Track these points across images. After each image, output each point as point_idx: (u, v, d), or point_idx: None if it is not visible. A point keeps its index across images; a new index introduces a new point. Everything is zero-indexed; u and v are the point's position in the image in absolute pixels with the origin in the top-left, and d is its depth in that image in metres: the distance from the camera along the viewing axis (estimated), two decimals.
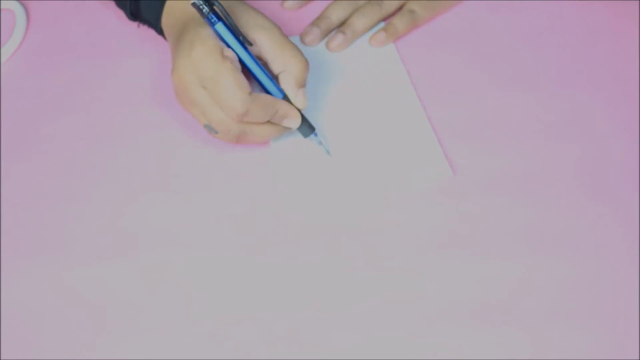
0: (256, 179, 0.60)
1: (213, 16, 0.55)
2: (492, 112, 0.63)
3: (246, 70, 0.57)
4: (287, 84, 0.58)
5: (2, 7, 0.73)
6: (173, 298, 0.54)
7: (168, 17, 0.61)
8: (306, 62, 0.58)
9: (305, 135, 0.59)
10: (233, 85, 0.54)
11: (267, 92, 0.58)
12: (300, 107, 0.58)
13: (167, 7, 0.61)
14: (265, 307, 0.53)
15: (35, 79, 0.68)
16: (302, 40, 0.67)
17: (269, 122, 0.57)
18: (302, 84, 0.58)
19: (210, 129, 0.57)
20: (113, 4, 0.69)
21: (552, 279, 0.53)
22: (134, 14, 0.65)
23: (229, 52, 0.56)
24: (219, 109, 0.55)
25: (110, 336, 0.53)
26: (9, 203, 0.60)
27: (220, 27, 0.56)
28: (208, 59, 0.55)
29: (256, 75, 0.57)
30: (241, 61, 0.57)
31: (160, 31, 0.64)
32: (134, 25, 0.67)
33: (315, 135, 0.59)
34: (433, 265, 0.54)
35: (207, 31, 0.56)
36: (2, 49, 0.69)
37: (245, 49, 0.57)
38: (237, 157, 0.61)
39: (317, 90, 0.63)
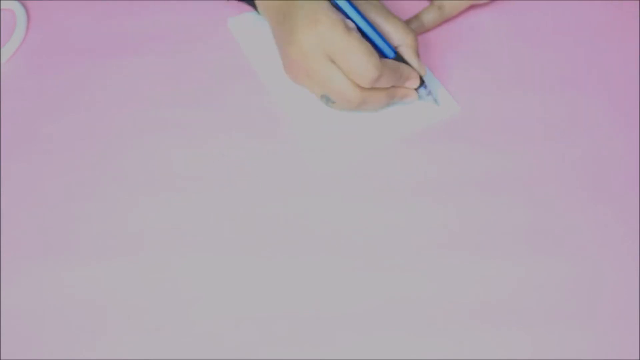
0: (256, 179, 0.60)
1: None
2: (492, 112, 0.63)
3: None
4: (408, 55, 0.61)
5: (2, 7, 0.73)
6: (173, 298, 0.54)
7: None
8: (416, 34, 0.62)
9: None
10: (365, 53, 0.56)
11: (382, 54, 0.60)
12: (422, 73, 0.61)
13: None
14: (265, 307, 0.53)
15: (35, 79, 0.68)
16: None
17: (385, 89, 0.60)
18: (418, 54, 0.61)
19: (327, 99, 0.59)
20: (113, 3, 0.69)
21: (552, 279, 0.53)
22: None
23: (350, 24, 0.58)
24: (344, 78, 0.57)
25: (110, 336, 0.53)
26: (9, 203, 0.60)
27: (343, 3, 0.58)
28: (336, 31, 0.56)
29: (373, 40, 0.59)
30: (358, 27, 0.59)
31: (253, 3, 0.65)
32: (133, 25, 0.68)
33: (425, 87, 0.62)
34: (433, 265, 0.55)
35: (325, 5, 0.57)
36: (2, 49, 0.69)
37: (362, 15, 0.59)
38: (237, 157, 0.61)
39: None
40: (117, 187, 0.60)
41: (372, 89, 0.59)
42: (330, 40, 0.56)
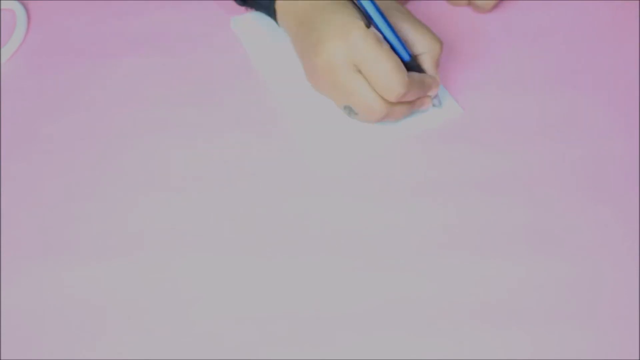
0: (256, 179, 0.60)
1: None
2: (492, 113, 0.63)
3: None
4: (428, 64, 0.60)
5: (2, 7, 0.73)
6: (173, 298, 0.54)
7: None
8: (442, 43, 0.61)
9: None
10: (394, 68, 0.56)
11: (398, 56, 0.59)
12: (438, 83, 0.61)
13: None
14: (265, 307, 0.53)
15: (35, 79, 0.68)
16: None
17: (409, 102, 0.60)
18: (439, 64, 0.61)
19: (350, 110, 0.59)
20: (113, 3, 0.69)
21: (552, 279, 0.53)
22: None
23: (379, 35, 0.57)
24: (371, 91, 0.57)
25: (110, 336, 0.53)
26: (9, 203, 0.60)
27: (367, 3, 0.57)
28: (367, 43, 0.56)
29: (393, 45, 0.58)
30: (379, 31, 0.58)
31: (272, 13, 0.64)
32: (133, 25, 0.68)
33: (437, 95, 0.62)
34: (433, 265, 0.55)
35: (354, 13, 0.57)
36: (2, 49, 0.70)
37: (384, 17, 0.58)
38: (237, 157, 0.61)
39: None
40: (117, 187, 0.60)
41: (398, 103, 0.58)
42: (361, 51, 0.55)
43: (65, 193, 0.60)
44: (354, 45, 0.56)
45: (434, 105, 0.63)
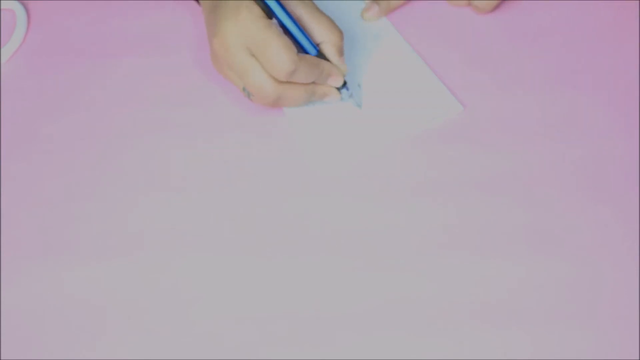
0: (256, 179, 0.60)
1: None
2: (492, 112, 0.63)
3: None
4: (329, 52, 0.61)
5: (2, 7, 0.73)
6: (173, 298, 0.54)
7: None
8: (341, 32, 0.61)
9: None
10: (282, 46, 0.56)
11: (305, 51, 0.60)
12: (342, 71, 0.62)
13: None
14: (265, 307, 0.53)
15: (35, 79, 0.68)
16: (361, 16, 0.69)
17: (303, 86, 0.60)
18: (342, 52, 0.62)
19: (247, 92, 0.60)
20: (113, 3, 0.69)
21: (552, 279, 0.53)
22: None
23: (273, 20, 0.58)
24: (261, 71, 0.58)
25: (110, 336, 0.53)
26: (9, 203, 0.60)
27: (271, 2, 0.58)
28: (255, 23, 0.57)
29: (295, 36, 0.59)
30: (281, 23, 0.59)
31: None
32: (133, 25, 0.68)
33: (347, 89, 0.62)
34: (433, 265, 0.54)
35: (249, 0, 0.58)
36: (2, 49, 0.69)
37: (286, 11, 0.59)
38: (237, 157, 0.61)
39: None
40: (117, 187, 0.60)
41: (290, 83, 0.59)
42: (250, 33, 0.57)
43: (65, 193, 0.60)
44: (243, 27, 0.57)
45: (342, 99, 0.63)
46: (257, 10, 0.57)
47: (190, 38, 0.69)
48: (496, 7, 0.69)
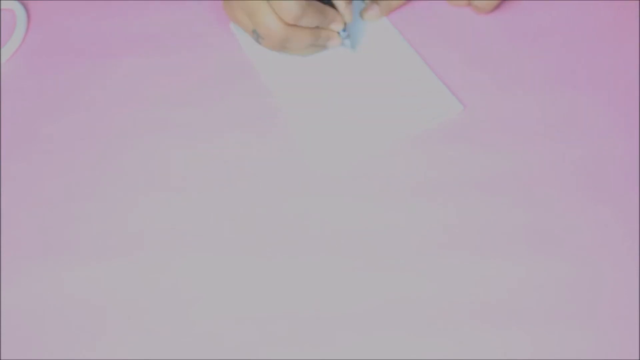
0: (256, 179, 0.60)
1: None
2: (492, 112, 0.63)
3: None
4: None
5: (2, 7, 0.73)
6: (173, 298, 0.54)
7: None
8: None
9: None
10: None
11: None
12: (347, 20, 0.64)
13: None
14: (265, 307, 0.53)
15: (35, 79, 0.68)
16: (361, 16, 0.70)
17: (309, 29, 0.62)
18: (350, 1, 0.64)
19: (256, 35, 0.62)
20: (113, 3, 0.69)
21: (552, 279, 0.53)
22: None
23: None
24: (271, 13, 0.60)
25: (110, 336, 0.53)
26: (9, 203, 0.60)
27: None
28: None
29: None
30: None
31: None
32: (133, 25, 0.68)
33: (344, 30, 0.65)
34: (433, 265, 0.55)
35: None
36: (2, 49, 0.70)
37: None
38: (237, 157, 0.61)
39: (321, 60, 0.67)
40: (117, 187, 0.60)
41: (297, 27, 0.61)
42: None
43: (65, 193, 0.60)
44: None
45: (343, 45, 0.65)
46: None
47: (191, 38, 0.69)
48: (496, 7, 0.69)
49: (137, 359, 0.52)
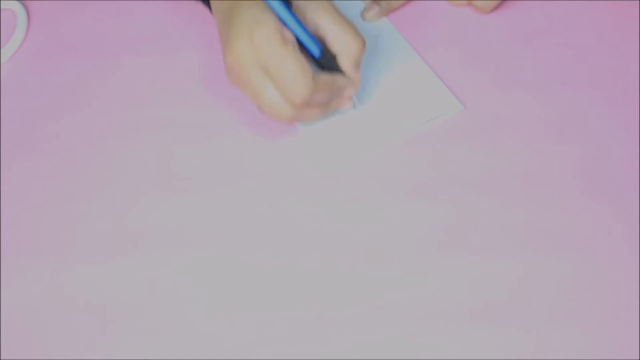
0: (256, 179, 0.60)
1: None
2: (492, 112, 0.63)
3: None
4: (347, 64, 0.58)
5: (2, 7, 0.73)
6: (173, 298, 0.54)
7: None
8: (364, 43, 0.58)
9: None
10: (297, 71, 0.54)
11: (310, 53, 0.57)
12: (358, 84, 0.60)
13: None
14: (265, 307, 0.53)
15: (35, 79, 0.68)
16: (362, 16, 0.69)
17: (318, 105, 0.58)
18: (359, 64, 0.59)
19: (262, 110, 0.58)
20: (113, 3, 0.69)
21: (552, 279, 0.53)
22: None
23: (288, 34, 0.55)
24: (275, 92, 0.55)
25: (110, 336, 0.53)
26: (9, 203, 0.60)
27: (274, 2, 0.55)
28: (270, 43, 0.54)
29: (302, 41, 0.56)
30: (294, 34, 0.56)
31: (208, 5, 0.63)
32: (133, 25, 0.68)
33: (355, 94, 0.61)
34: (433, 265, 0.54)
35: (264, 11, 0.55)
36: (2, 49, 0.69)
37: (291, 13, 0.55)
38: (237, 157, 0.61)
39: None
40: (117, 187, 0.60)
41: (306, 105, 0.56)
42: (264, 53, 0.54)
43: (65, 193, 0.60)
44: (259, 46, 0.54)
45: (354, 107, 0.61)
46: (272, 25, 0.54)
47: (191, 38, 0.69)
48: (496, 7, 0.69)
49: (137, 359, 0.52)
